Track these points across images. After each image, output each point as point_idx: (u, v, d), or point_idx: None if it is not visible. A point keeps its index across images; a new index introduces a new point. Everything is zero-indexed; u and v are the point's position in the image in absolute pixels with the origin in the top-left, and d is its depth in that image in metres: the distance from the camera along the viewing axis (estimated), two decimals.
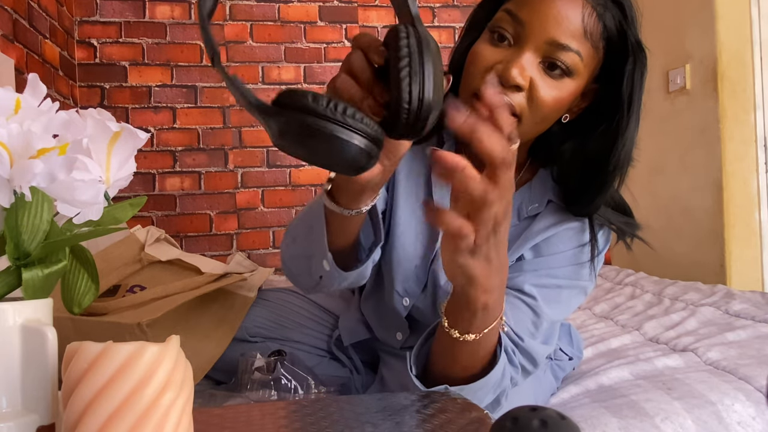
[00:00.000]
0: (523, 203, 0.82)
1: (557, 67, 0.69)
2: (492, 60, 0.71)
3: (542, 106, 0.70)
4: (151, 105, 2.43)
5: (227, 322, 1.08)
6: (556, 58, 0.69)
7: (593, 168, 0.75)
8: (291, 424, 0.52)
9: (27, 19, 1.85)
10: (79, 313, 0.48)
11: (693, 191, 2.26)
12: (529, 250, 0.80)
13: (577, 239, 0.79)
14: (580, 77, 0.71)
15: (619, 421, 0.85)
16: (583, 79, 0.72)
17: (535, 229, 0.79)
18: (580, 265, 0.79)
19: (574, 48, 0.69)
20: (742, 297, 1.58)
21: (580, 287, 0.81)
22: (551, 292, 0.78)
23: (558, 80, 0.70)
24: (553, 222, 0.79)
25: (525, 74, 0.68)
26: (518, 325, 0.75)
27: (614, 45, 0.72)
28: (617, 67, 0.73)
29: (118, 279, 1.18)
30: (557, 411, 0.36)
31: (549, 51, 0.69)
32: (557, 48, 0.68)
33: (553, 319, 0.78)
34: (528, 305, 0.76)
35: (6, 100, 0.41)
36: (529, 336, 0.76)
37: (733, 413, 0.88)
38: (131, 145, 0.45)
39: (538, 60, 0.69)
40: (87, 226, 0.45)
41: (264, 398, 0.92)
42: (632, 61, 0.72)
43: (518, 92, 0.69)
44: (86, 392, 0.34)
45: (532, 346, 0.75)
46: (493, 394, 0.69)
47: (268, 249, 2.53)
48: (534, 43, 0.68)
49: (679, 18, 2.29)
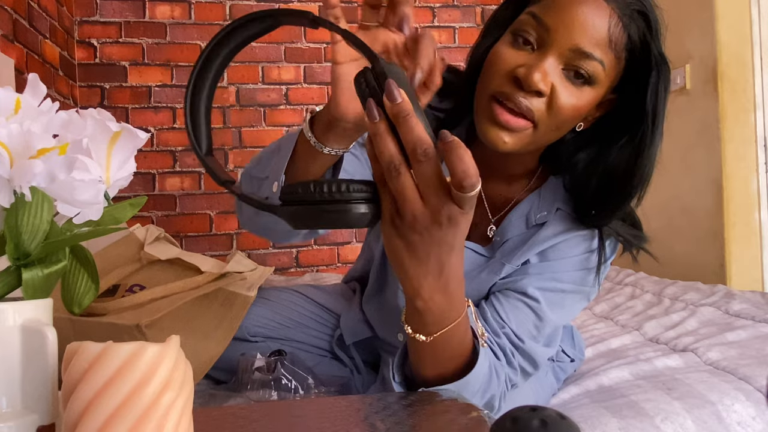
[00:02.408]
0: (531, 210, 0.82)
1: (580, 75, 0.69)
2: (514, 63, 0.70)
3: (560, 112, 0.69)
4: (151, 105, 2.43)
5: (227, 321, 1.08)
6: (579, 66, 0.68)
7: (612, 181, 0.75)
8: (291, 424, 0.52)
9: (27, 19, 1.85)
10: (79, 314, 0.48)
11: (693, 191, 2.26)
12: (535, 255, 0.79)
13: (585, 246, 0.79)
14: (601, 86, 0.71)
15: (619, 422, 0.85)
16: (603, 89, 0.72)
17: (543, 236, 0.79)
18: (586, 271, 0.79)
19: (597, 57, 0.68)
20: (742, 297, 1.58)
21: (584, 293, 0.81)
22: (555, 296, 0.77)
23: (578, 88, 0.70)
24: (561, 230, 0.79)
25: (547, 80, 0.68)
26: (520, 327, 0.75)
27: (636, 56, 0.71)
28: (637, 79, 0.72)
29: (118, 278, 1.18)
30: (557, 411, 0.36)
31: (572, 58, 0.68)
32: (581, 56, 0.68)
33: (555, 323, 0.78)
34: (531, 308, 0.76)
35: (6, 100, 0.41)
36: (531, 338, 0.76)
37: (733, 413, 0.88)
38: (131, 145, 0.45)
39: (560, 66, 0.69)
40: (87, 226, 0.45)
41: (264, 398, 0.92)
42: (656, 74, 0.71)
43: (539, 98, 0.69)
44: (86, 392, 0.34)
45: (533, 348, 0.75)
46: (481, 398, 0.68)
47: (268, 249, 2.53)
48: (558, 49, 0.68)
49: (679, 18, 2.30)
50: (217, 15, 2.49)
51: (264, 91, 2.51)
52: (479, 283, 0.80)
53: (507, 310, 0.76)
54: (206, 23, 2.48)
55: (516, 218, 0.82)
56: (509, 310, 0.76)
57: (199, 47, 2.47)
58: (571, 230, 0.78)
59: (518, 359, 0.75)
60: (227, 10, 2.50)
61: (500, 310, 0.76)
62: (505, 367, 0.74)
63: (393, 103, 0.46)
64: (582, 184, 0.79)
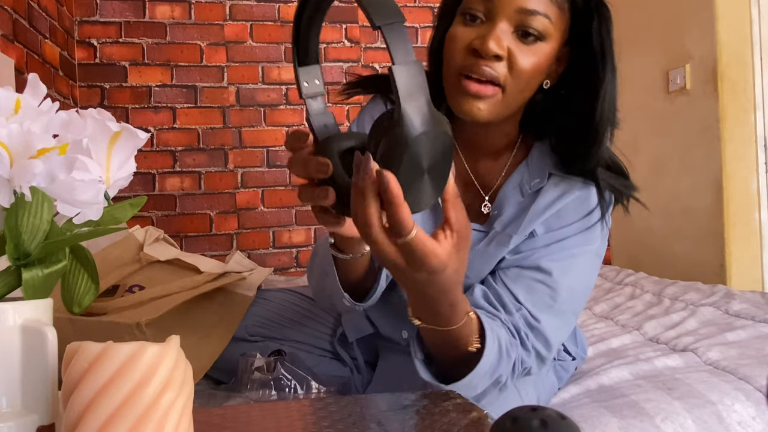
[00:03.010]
0: (523, 180, 0.85)
1: (530, 33, 0.74)
2: (468, 38, 0.75)
3: (523, 72, 0.75)
4: (151, 105, 2.43)
5: (226, 320, 1.08)
6: (527, 24, 0.74)
7: (584, 126, 0.79)
8: (291, 424, 0.52)
9: (27, 19, 1.85)
10: (79, 313, 0.48)
11: (693, 191, 2.26)
12: (541, 225, 0.82)
13: (584, 207, 0.82)
14: (553, 39, 0.76)
15: (619, 421, 0.85)
16: (556, 41, 0.77)
17: (542, 203, 0.82)
18: (589, 229, 0.82)
19: (542, 11, 0.74)
20: (742, 297, 1.58)
21: (593, 251, 0.83)
22: (565, 262, 0.81)
23: (533, 45, 0.75)
24: (558, 195, 0.82)
25: (502, 44, 0.73)
26: (536, 305, 0.78)
27: (578, 6, 0.77)
28: (585, 28, 0.78)
29: (117, 279, 1.18)
30: (557, 411, 0.36)
31: (520, 19, 0.74)
32: (527, 14, 0.73)
33: (572, 287, 0.81)
34: (544, 283, 0.79)
35: (6, 100, 0.41)
36: (548, 311, 0.78)
37: (733, 413, 0.88)
38: (131, 145, 0.45)
39: (511, 30, 0.74)
40: (87, 226, 0.45)
41: (264, 398, 0.92)
42: (597, 17, 0.77)
43: (499, 62, 0.74)
44: (86, 392, 0.34)
45: (548, 326, 0.78)
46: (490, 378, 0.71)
47: (268, 249, 2.53)
48: (505, 14, 0.74)
49: (679, 18, 2.30)
50: (217, 15, 2.49)
51: (264, 91, 2.51)
52: (488, 257, 0.83)
53: (523, 290, 0.79)
54: (206, 23, 2.48)
55: (510, 190, 0.85)
56: (525, 290, 0.79)
57: (199, 47, 2.47)
58: (568, 192, 0.82)
59: (532, 341, 0.77)
60: (227, 10, 2.50)
61: (515, 291, 0.79)
62: (518, 347, 0.76)
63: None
64: (562, 140, 0.83)
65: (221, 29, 2.49)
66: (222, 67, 2.49)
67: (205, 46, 2.48)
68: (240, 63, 2.50)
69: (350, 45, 2.58)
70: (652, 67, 2.45)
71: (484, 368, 0.68)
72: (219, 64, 2.49)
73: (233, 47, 2.50)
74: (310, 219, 2.57)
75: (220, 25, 2.49)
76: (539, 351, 0.78)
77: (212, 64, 2.48)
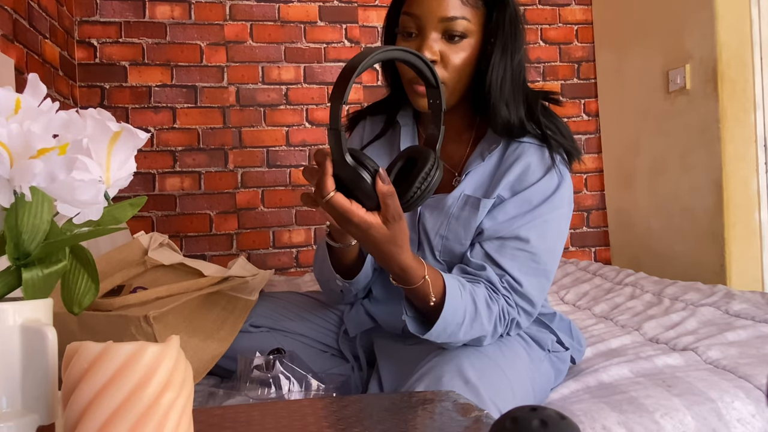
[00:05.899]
0: (483, 150, 0.98)
1: (455, 35, 0.90)
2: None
3: (455, 67, 0.92)
4: (151, 105, 2.43)
5: (229, 323, 1.10)
6: (451, 29, 0.90)
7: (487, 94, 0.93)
8: (291, 424, 0.52)
9: (27, 19, 1.85)
10: (79, 313, 0.48)
11: (693, 191, 2.26)
12: (507, 190, 0.94)
13: (543, 165, 0.94)
14: (475, 33, 0.92)
15: (619, 416, 0.85)
16: (479, 33, 0.93)
17: (503, 168, 0.95)
18: (555, 194, 0.93)
19: (459, 15, 0.90)
20: (742, 297, 1.58)
21: (563, 214, 0.95)
22: (540, 228, 0.92)
23: (460, 43, 0.91)
24: (515, 158, 0.94)
25: (434, 50, 0.90)
26: (521, 270, 0.91)
27: (489, 1, 0.92)
28: (494, 17, 0.92)
29: (122, 280, 1.19)
30: (557, 411, 0.36)
31: (444, 26, 0.90)
32: (448, 21, 0.90)
33: (551, 248, 0.93)
34: (524, 250, 0.91)
35: (6, 100, 0.41)
36: (531, 273, 0.91)
37: (732, 410, 0.88)
38: (131, 145, 0.45)
39: (439, 36, 0.91)
40: (87, 226, 0.45)
41: (263, 396, 0.93)
42: (502, 4, 0.92)
43: (435, 65, 0.90)
44: (86, 392, 0.34)
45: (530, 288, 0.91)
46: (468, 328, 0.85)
47: (268, 249, 2.53)
48: (432, 26, 0.90)
49: (679, 18, 2.30)
50: (217, 15, 2.49)
51: (264, 91, 2.51)
52: (464, 220, 0.95)
53: (507, 259, 0.91)
54: (206, 23, 2.48)
55: (473, 160, 0.98)
56: (509, 258, 0.91)
57: (199, 47, 2.47)
58: (524, 154, 0.94)
59: (515, 299, 0.90)
60: (227, 10, 2.50)
61: (500, 261, 0.91)
62: (500, 302, 0.89)
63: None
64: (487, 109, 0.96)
65: (221, 29, 2.49)
66: (222, 67, 2.49)
67: (205, 46, 2.48)
68: (240, 63, 2.50)
69: (350, 45, 2.58)
70: (652, 67, 2.45)
71: (448, 316, 0.82)
72: (219, 64, 2.49)
73: (233, 47, 2.50)
74: (310, 219, 2.57)
75: (220, 25, 2.49)
76: (524, 308, 0.91)
77: (212, 64, 2.48)
